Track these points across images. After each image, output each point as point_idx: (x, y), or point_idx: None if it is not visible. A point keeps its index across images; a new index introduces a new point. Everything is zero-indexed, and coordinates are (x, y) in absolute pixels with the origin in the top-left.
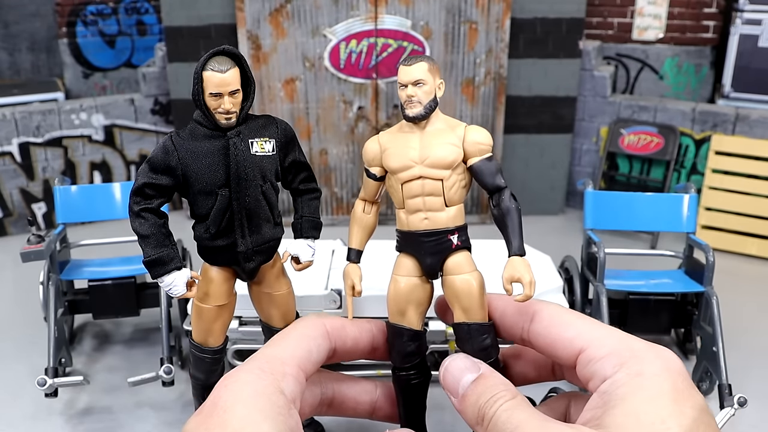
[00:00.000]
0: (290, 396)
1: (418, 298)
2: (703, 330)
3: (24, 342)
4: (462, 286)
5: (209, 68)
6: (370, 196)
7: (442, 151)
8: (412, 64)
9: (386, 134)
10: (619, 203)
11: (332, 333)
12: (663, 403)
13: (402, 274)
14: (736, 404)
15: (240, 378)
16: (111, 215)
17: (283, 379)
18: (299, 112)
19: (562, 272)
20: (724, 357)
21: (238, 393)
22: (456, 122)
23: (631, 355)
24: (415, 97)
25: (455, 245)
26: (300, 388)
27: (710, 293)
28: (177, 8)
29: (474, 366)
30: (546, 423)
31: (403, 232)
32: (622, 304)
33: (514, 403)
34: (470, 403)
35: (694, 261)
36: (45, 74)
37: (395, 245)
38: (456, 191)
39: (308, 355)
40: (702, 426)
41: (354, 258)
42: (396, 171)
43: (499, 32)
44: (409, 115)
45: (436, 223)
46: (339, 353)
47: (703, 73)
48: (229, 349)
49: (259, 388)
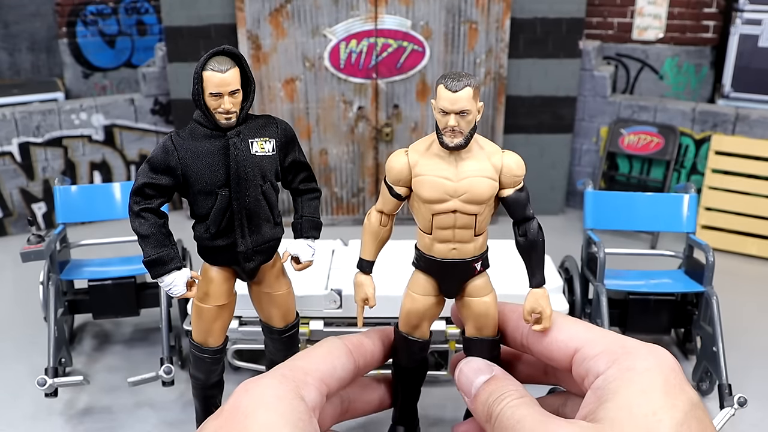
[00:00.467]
0: (311, 404)
1: (432, 315)
2: (703, 330)
3: (24, 342)
4: (481, 308)
5: (209, 68)
6: (389, 210)
7: (479, 187)
8: (457, 90)
9: (416, 153)
10: (619, 203)
11: (354, 351)
12: (655, 396)
13: (418, 293)
14: (736, 404)
15: (261, 383)
16: (111, 215)
17: (305, 387)
18: (299, 112)
19: (562, 272)
20: (724, 357)
21: (259, 398)
22: (491, 146)
23: (623, 352)
24: (458, 128)
25: (478, 271)
26: (321, 399)
27: (710, 293)
28: (177, 8)
29: (488, 368)
30: (547, 419)
31: (425, 257)
32: (622, 304)
33: (520, 401)
34: (481, 402)
35: (694, 261)
36: (45, 74)
37: (413, 261)
38: (485, 221)
39: (332, 371)
40: (694, 420)
41: (366, 269)
42: (429, 202)
43: (499, 32)
44: (449, 145)
45: (463, 253)
46: (360, 369)
47: (703, 73)
48: (229, 349)
49: (280, 393)
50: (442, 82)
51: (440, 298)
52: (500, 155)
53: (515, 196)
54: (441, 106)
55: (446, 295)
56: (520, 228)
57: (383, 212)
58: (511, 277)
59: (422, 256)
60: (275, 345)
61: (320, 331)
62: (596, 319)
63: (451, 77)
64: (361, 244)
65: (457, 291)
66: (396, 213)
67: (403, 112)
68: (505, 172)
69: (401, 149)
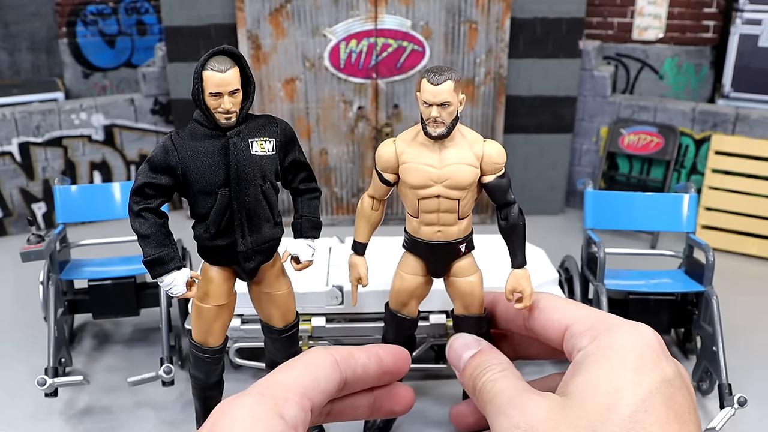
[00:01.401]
0: (291, 422)
1: (420, 294)
2: (703, 330)
3: (24, 342)
4: (466, 287)
5: (209, 68)
6: (380, 195)
7: (461, 173)
8: (439, 83)
9: (403, 142)
10: (619, 203)
11: (341, 362)
12: (622, 374)
13: (407, 272)
14: (736, 404)
15: (238, 404)
16: (111, 215)
17: (285, 404)
18: (299, 112)
19: (562, 272)
20: (724, 357)
21: (234, 420)
22: (473, 135)
23: (604, 329)
24: (439, 118)
25: (463, 252)
26: (303, 414)
27: (710, 293)
28: (177, 8)
29: (475, 343)
30: (522, 392)
31: (413, 239)
32: (622, 303)
33: (502, 374)
34: (467, 375)
35: (694, 261)
36: (45, 74)
37: (402, 243)
38: (468, 205)
39: (315, 384)
40: (659, 397)
41: (360, 251)
42: (415, 187)
43: (499, 32)
44: (432, 135)
45: (448, 235)
46: (350, 383)
47: (703, 73)
48: (231, 347)
49: (257, 413)
50: (425, 76)
51: (428, 278)
52: (481, 144)
53: (496, 182)
54: (424, 98)
55: (434, 275)
56: (501, 212)
57: (374, 197)
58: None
59: (411, 239)
60: (275, 345)
61: (322, 328)
62: None
63: (434, 71)
64: (355, 228)
65: (444, 271)
66: (386, 198)
67: (403, 111)
68: (486, 159)
69: (390, 139)
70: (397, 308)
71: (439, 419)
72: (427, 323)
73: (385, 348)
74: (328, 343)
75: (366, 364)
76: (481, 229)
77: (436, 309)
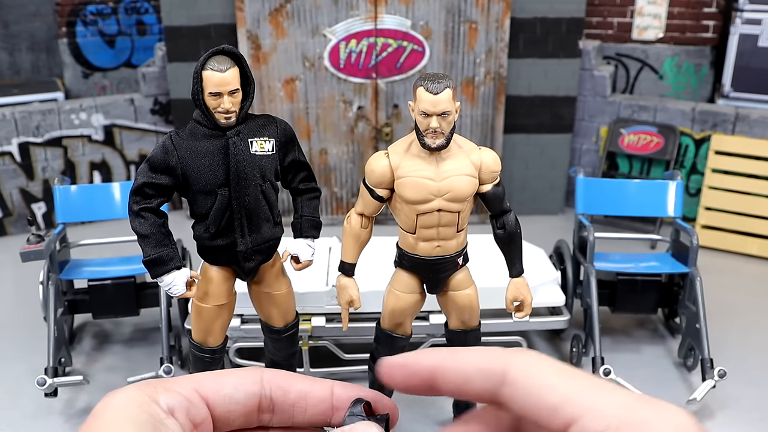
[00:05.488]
0: (166, 407)
1: (415, 311)
2: (687, 309)
3: (24, 342)
4: (465, 301)
5: (209, 67)
6: (370, 212)
7: (461, 184)
8: (438, 92)
9: (396, 155)
10: (609, 189)
11: (269, 380)
12: None
13: (402, 290)
14: (716, 376)
15: (120, 390)
16: (111, 215)
17: (166, 393)
18: (299, 112)
19: (555, 255)
20: (707, 333)
21: (110, 401)
22: (468, 144)
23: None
24: (439, 129)
25: (460, 265)
26: (186, 403)
27: (694, 274)
28: (177, 8)
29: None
30: None
31: (409, 256)
32: (611, 284)
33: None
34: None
35: (680, 244)
36: (45, 74)
37: (394, 261)
38: (467, 216)
39: (216, 385)
40: None
41: (349, 272)
42: (413, 202)
43: (499, 32)
44: (431, 147)
45: (447, 250)
46: (278, 405)
47: (703, 72)
48: (231, 347)
49: (132, 397)
50: (421, 85)
51: (423, 295)
52: (478, 152)
53: (494, 191)
54: (422, 108)
55: (430, 290)
56: (498, 221)
57: (363, 215)
58: (493, 269)
59: (405, 255)
60: (275, 345)
61: (322, 327)
62: (586, 298)
63: (431, 79)
64: (342, 247)
65: (441, 286)
66: (376, 215)
67: (402, 111)
68: (483, 168)
69: (381, 152)
70: (392, 328)
71: (439, 420)
72: (427, 323)
73: (341, 385)
74: (328, 343)
75: (306, 391)
76: (481, 229)
77: (436, 309)
